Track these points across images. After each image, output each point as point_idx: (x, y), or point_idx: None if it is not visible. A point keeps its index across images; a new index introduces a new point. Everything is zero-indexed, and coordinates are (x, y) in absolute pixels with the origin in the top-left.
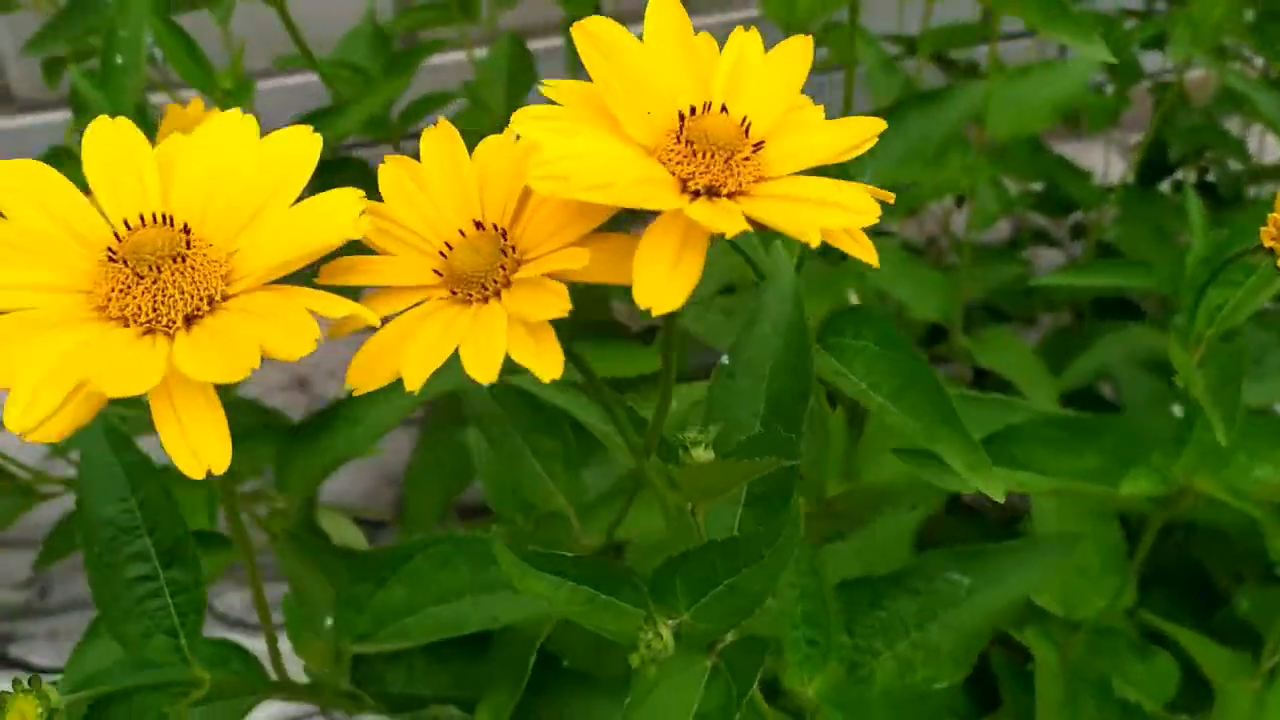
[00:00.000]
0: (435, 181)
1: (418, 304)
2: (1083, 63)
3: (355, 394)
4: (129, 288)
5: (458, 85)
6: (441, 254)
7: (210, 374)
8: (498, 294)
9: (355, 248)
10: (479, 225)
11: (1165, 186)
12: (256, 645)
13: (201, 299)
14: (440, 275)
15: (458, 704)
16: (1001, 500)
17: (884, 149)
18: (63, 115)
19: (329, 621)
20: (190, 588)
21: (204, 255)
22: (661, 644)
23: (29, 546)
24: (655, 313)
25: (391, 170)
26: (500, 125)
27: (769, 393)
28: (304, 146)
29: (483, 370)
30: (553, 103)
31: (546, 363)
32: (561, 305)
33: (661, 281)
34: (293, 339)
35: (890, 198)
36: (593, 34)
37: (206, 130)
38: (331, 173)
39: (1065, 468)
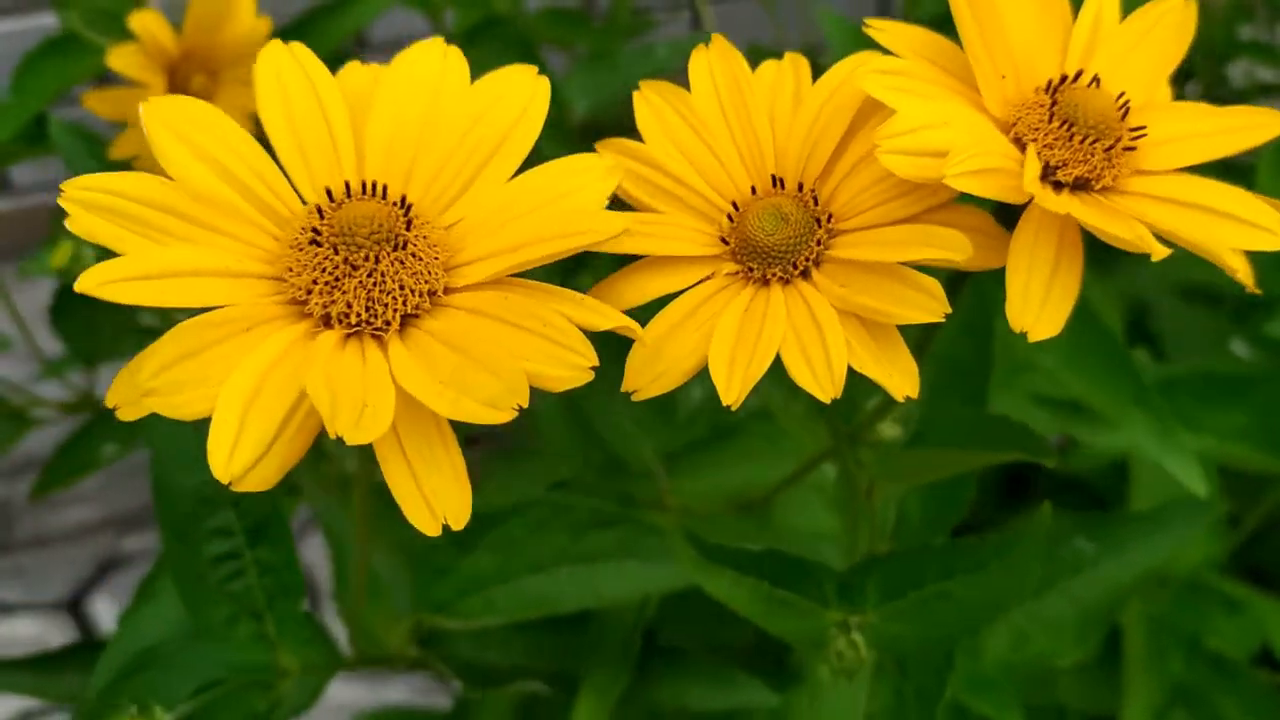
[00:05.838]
0: (712, 119)
1: (698, 282)
2: None
3: (636, 398)
4: (339, 280)
5: None
6: (729, 216)
7: (470, 410)
8: (806, 274)
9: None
10: (777, 182)
11: None
12: None
13: (423, 294)
14: (726, 243)
15: (539, 676)
16: (1203, 495)
17: None
18: None
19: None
20: (280, 568)
21: (425, 238)
22: (857, 655)
23: None
24: (1032, 339)
25: (651, 100)
26: None
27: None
28: (528, 90)
29: (821, 385)
30: (879, 46)
31: (900, 376)
32: (935, 306)
33: (1036, 299)
34: (563, 363)
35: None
36: None
37: (400, 67)
38: None
39: (1214, 425)
